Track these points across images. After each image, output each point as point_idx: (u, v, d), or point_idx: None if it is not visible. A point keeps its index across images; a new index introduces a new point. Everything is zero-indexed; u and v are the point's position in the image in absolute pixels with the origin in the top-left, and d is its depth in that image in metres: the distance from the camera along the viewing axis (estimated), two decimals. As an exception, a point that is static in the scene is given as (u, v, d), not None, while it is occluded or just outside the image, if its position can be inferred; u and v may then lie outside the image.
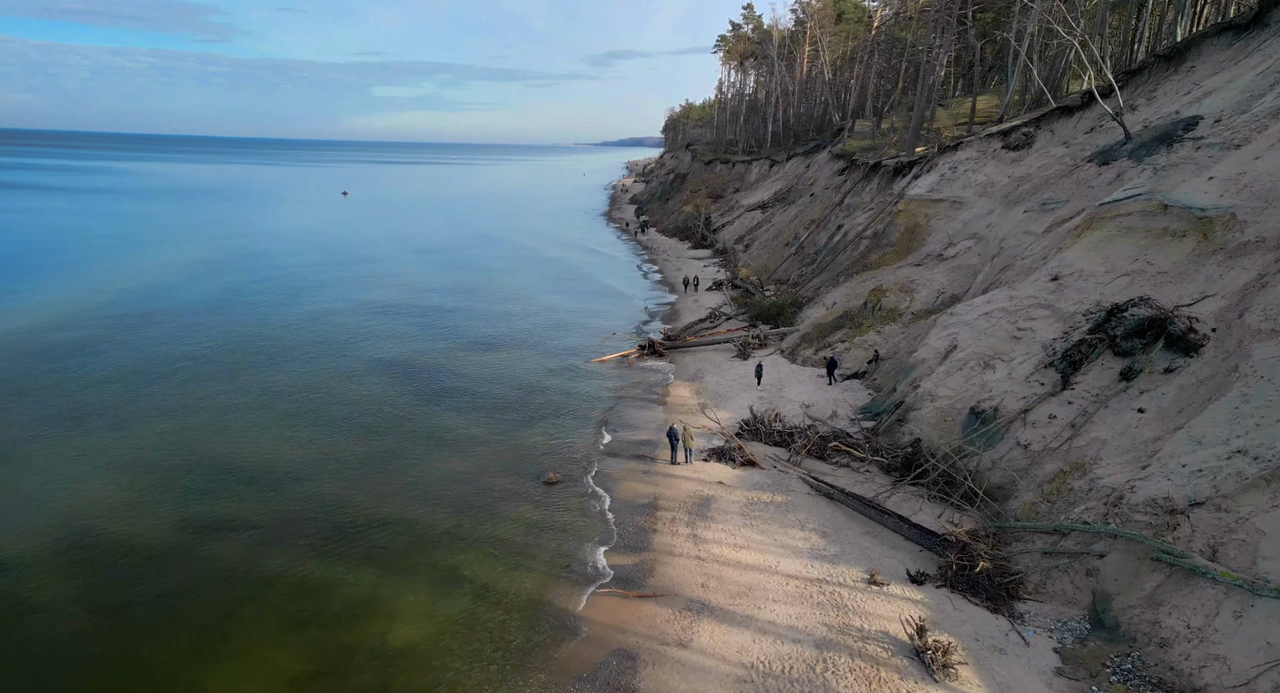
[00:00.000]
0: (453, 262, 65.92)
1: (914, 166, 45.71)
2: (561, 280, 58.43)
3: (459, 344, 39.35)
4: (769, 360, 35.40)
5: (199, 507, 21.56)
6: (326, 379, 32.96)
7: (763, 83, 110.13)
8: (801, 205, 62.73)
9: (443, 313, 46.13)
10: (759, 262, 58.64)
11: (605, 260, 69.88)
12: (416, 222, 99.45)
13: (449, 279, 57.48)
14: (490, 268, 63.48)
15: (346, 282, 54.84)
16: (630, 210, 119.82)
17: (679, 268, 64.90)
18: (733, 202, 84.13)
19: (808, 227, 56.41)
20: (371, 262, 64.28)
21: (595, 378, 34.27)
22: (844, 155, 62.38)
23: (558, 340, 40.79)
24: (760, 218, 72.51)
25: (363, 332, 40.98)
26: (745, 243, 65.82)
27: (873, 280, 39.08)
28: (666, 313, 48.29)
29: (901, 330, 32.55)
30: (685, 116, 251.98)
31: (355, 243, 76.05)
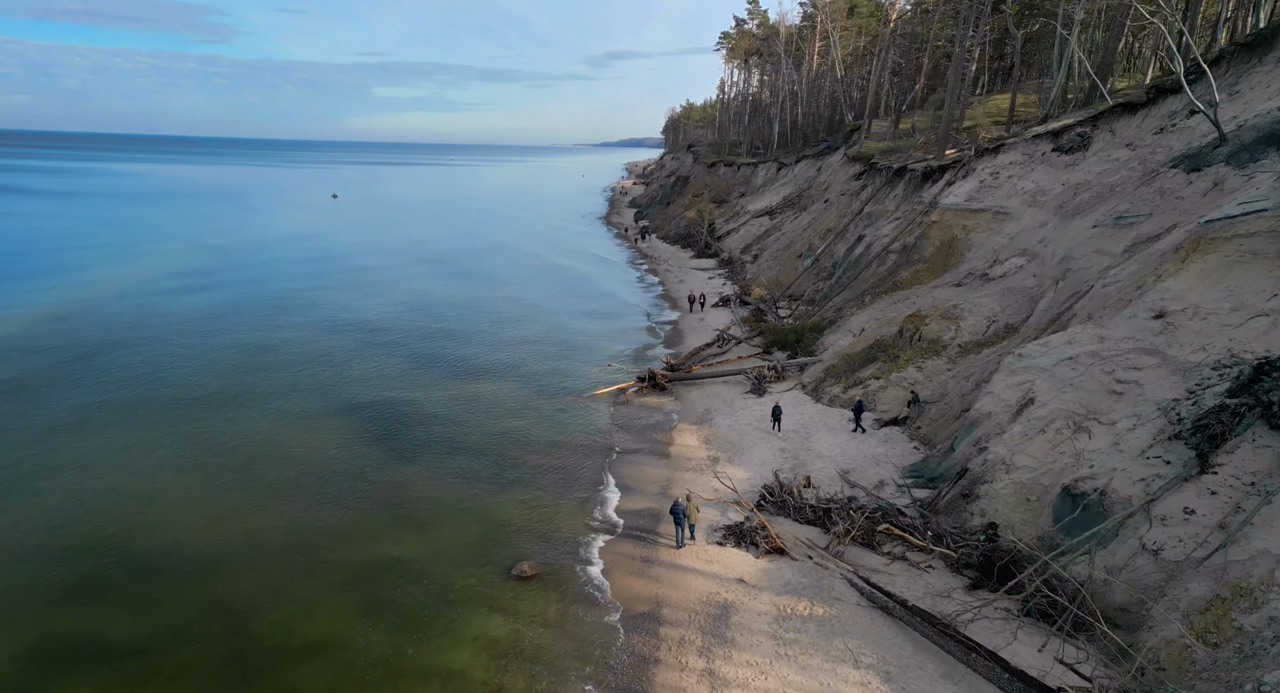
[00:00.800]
0: (436, 272, 60.89)
1: (946, 172, 40.79)
2: (554, 295, 53.46)
3: (437, 376, 34.36)
4: (788, 398, 30.45)
5: (53, 620, 16.58)
6: (279, 426, 27.94)
7: (768, 81, 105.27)
8: (815, 212, 57.80)
9: (421, 337, 41.14)
10: (769, 274, 53.69)
11: (602, 271, 64.93)
12: (404, 226, 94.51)
13: (431, 293, 52.50)
14: (477, 279, 58.50)
15: (316, 299, 49.85)
16: (629, 214, 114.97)
17: (681, 279, 59.98)
18: (738, 207, 79.23)
19: (823, 236, 51.47)
20: (348, 274, 59.32)
21: (587, 419, 29.31)
22: (861, 158, 57.46)
23: (547, 369, 35.84)
24: (769, 225, 67.60)
25: (330, 363, 36.00)
26: (753, 253, 60.87)
27: (905, 302, 34.13)
28: (669, 334, 43.32)
29: (947, 366, 27.58)
30: (686, 117, 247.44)
31: (334, 252, 71.07)
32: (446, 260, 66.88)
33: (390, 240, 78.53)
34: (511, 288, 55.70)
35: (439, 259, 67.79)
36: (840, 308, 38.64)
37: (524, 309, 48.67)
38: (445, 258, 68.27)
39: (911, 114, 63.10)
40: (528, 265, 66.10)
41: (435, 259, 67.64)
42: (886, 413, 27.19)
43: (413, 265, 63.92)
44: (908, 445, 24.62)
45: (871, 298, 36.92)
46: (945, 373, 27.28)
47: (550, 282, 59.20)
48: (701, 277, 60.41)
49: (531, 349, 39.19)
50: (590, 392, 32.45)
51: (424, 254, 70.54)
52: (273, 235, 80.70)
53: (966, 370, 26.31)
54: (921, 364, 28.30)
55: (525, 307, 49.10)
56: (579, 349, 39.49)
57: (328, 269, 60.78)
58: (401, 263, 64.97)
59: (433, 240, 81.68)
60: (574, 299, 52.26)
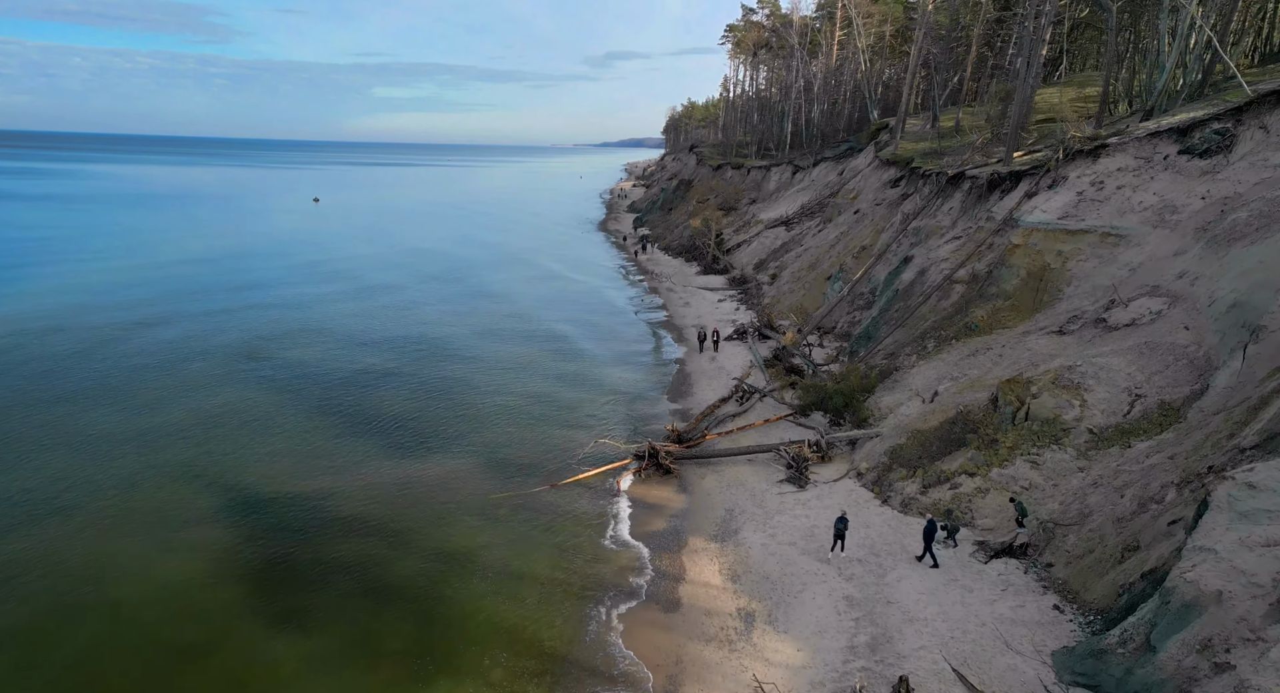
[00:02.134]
0: (393, 302, 50.72)
1: (1023, 180, 32.47)
2: (533, 328, 44.98)
3: (364, 453, 26.00)
4: (842, 492, 22.17)
5: None
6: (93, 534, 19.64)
7: (779, 76, 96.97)
8: (843, 225, 49.47)
9: (352, 390, 32.67)
10: (792, 299, 45.38)
11: (595, 292, 56.55)
12: (376, 235, 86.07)
13: (378, 329, 43.73)
14: (439, 306, 49.72)
15: (232, 340, 41.47)
16: (628, 220, 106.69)
17: (687, 302, 51.70)
18: (748, 215, 70.90)
19: (856, 255, 43.14)
20: (283, 307, 50.58)
21: (557, 532, 21.00)
22: (896, 161, 49.18)
23: (513, 438, 27.50)
24: (785, 237, 59.29)
25: (211, 444, 27.59)
26: (770, 271, 52.51)
27: (988, 354, 25.79)
28: (674, 381, 34.95)
29: (1077, 464, 19.25)
30: (688, 117, 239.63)
31: (285, 269, 62.62)
32: (407, 286, 55.94)
33: (350, 259, 69.27)
34: (476, 321, 47.24)
35: (398, 286, 56.15)
36: (894, 354, 30.27)
37: (492, 347, 40.31)
38: (406, 283, 57.36)
39: (955, 111, 54.84)
40: (503, 291, 57.30)
41: (394, 286, 55.59)
42: (992, 531, 18.87)
43: (365, 292, 54.37)
44: (1041, 600, 16.27)
45: (936, 344, 28.55)
46: (1077, 474, 18.94)
47: (530, 307, 50.83)
48: (710, 299, 52.09)
49: (494, 405, 30.86)
50: (567, 478, 24.14)
51: (382, 279, 60.81)
52: (230, 250, 72.20)
53: (1116, 476, 17.96)
54: (1036, 456, 19.94)
55: (490, 349, 40.60)
56: (556, 406, 31.14)
57: (256, 302, 52.18)
58: (352, 291, 54.96)
59: (403, 255, 73.19)
60: (558, 332, 43.85)
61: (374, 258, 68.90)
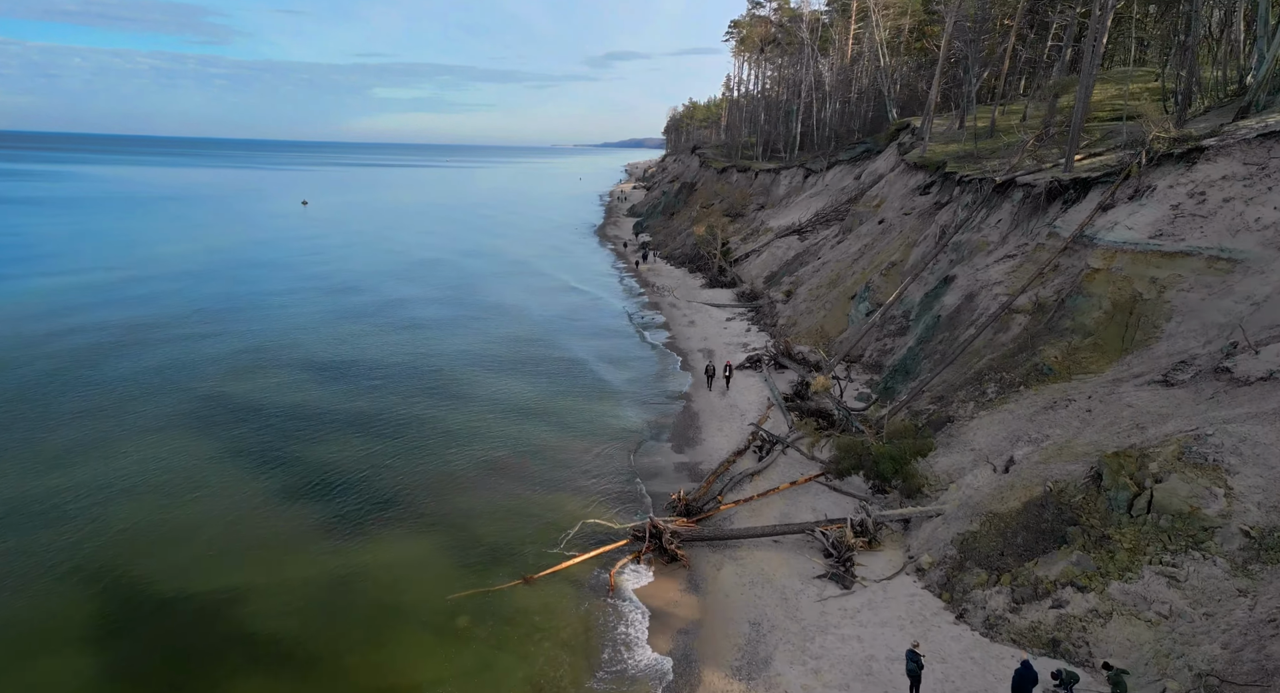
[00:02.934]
0: (364, 323, 44.42)
1: (1093, 188, 27.40)
2: (515, 357, 39.64)
3: (292, 538, 20.91)
4: (898, 591, 17.14)
5: None
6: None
7: (787, 74, 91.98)
8: (866, 237, 44.40)
9: (300, 440, 27.62)
10: (811, 321, 40.33)
11: (591, 308, 51.47)
12: (358, 242, 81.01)
13: (342, 358, 38.53)
14: (415, 328, 44.15)
15: (165, 376, 36.47)
16: (628, 225, 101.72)
17: (692, 320, 46.66)
18: (757, 223, 65.86)
19: (885, 273, 38.07)
20: (233, 330, 45.31)
21: (525, 668, 15.96)
22: (926, 165, 44.15)
23: (483, 510, 22.47)
24: (798, 247, 54.28)
25: (102, 523, 22.57)
26: (784, 287, 47.41)
27: (1072, 407, 20.72)
28: (678, 423, 29.85)
29: (1233, 580, 14.19)
30: (689, 117, 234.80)
31: (248, 283, 57.66)
32: (382, 303, 50.22)
33: (322, 274, 64.00)
34: (453, 343, 42.13)
35: (373, 303, 50.65)
36: (943, 397, 25.20)
37: (469, 378, 35.27)
38: (381, 299, 51.16)
39: (989, 109, 49.80)
40: (489, 306, 52.06)
41: (367, 303, 50.30)
42: (1115, 662, 13.78)
43: (333, 312, 48.69)
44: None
45: (999, 389, 23.47)
46: (1238, 599, 13.86)
47: (519, 327, 45.78)
48: (717, 317, 47.02)
49: (467, 459, 25.81)
50: (548, 568, 19.09)
51: (355, 295, 56.10)
52: (197, 261, 67.17)
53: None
54: (1172, 566, 14.86)
55: (465, 384, 35.46)
56: (545, 458, 26.11)
57: (204, 324, 47.18)
58: (318, 311, 49.35)
59: (385, 264, 68.15)
60: (541, 364, 38.65)
61: (352, 268, 63.85)
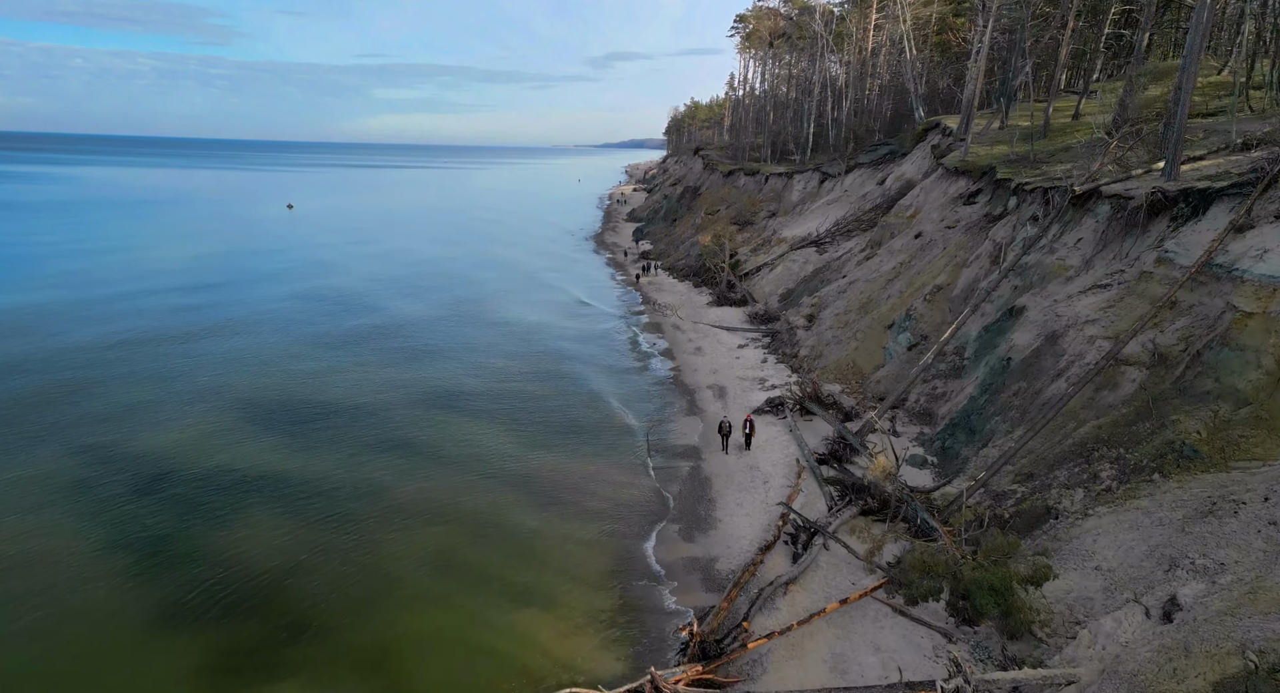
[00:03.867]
0: (310, 365, 37.97)
1: (1215, 203, 21.51)
2: (489, 396, 33.78)
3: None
4: None
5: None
6: None
7: (798, 71, 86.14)
8: (901, 253, 38.48)
9: (192, 532, 21.82)
10: (839, 352, 34.42)
11: (583, 334, 45.46)
12: (333, 253, 75.14)
13: (271, 404, 32.98)
14: (372, 365, 37.64)
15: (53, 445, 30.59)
16: (627, 231, 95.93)
17: (698, 346, 40.79)
18: (768, 232, 59.98)
19: (928, 297, 32.15)
20: (158, 382, 39.76)
21: None
22: (969, 170, 38.30)
23: (425, 655, 16.56)
24: (817, 261, 48.41)
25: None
26: (804, 310, 41.46)
27: (1245, 514, 14.73)
28: (686, 494, 23.87)
29: None
30: (691, 117, 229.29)
31: (198, 308, 51.92)
32: (333, 345, 42.20)
33: (286, 295, 57.94)
34: (421, 378, 36.34)
35: (332, 341, 43.06)
36: (1031, 475, 19.26)
37: (429, 439, 29.36)
38: (344, 338, 43.50)
39: (1043, 104, 43.85)
40: (467, 341, 46.09)
41: (328, 342, 42.18)
42: None
43: (272, 359, 43.69)
44: None
45: (1120, 473, 17.53)
46: None
47: (494, 358, 39.88)
48: (728, 343, 41.11)
49: (410, 560, 19.89)
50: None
51: (315, 331, 50.04)
52: (149, 281, 61.31)
53: None
54: None
55: (434, 432, 29.64)
56: (508, 554, 20.17)
57: (110, 368, 41.35)
58: (266, 348, 44.66)
59: (349, 277, 62.33)
60: (524, 406, 32.78)
61: (318, 283, 58.00)
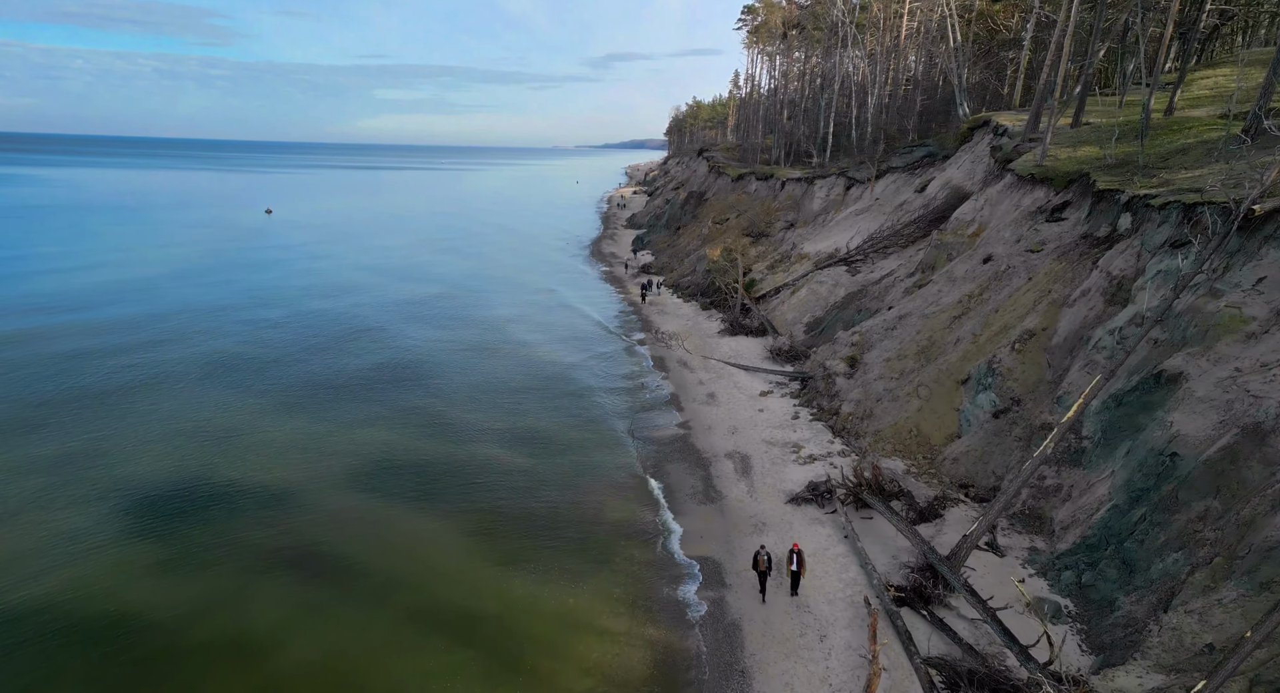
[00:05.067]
0: (237, 423, 32.16)
1: None
2: (448, 474, 26.49)
3: None
4: None
5: None
6: None
7: (814, 65, 78.73)
8: (967, 281, 31.01)
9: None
10: (897, 412, 26.95)
11: (569, 374, 38.02)
12: (296, 270, 67.80)
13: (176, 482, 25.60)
14: (300, 438, 30.79)
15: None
16: (626, 239, 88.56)
17: (711, 392, 33.43)
18: (786, 246, 52.56)
19: (1017, 345, 24.70)
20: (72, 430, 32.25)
21: None
22: (1049, 178, 30.89)
23: None
24: (849, 284, 41.04)
25: None
26: (844, 349, 33.92)
27: None
28: (708, 661, 16.54)
29: None
30: (693, 117, 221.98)
31: (112, 342, 44.51)
32: (275, 391, 35.22)
33: (230, 324, 50.85)
34: (355, 459, 28.95)
35: (272, 389, 36.06)
36: (1271, 682, 11.92)
37: (346, 555, 21.99)
38: (288, 386, 36.31)
39: (1141, 94, 36.41)
40: (431, 370, 39.06)
41: (269, 391, 35.93)
42: None
43: (200, 403, 36.52)
44: None
45: None
46: None
47: (452, 413, 32.53)
48: (748, 388, 33.68)
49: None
50: None
51: (246, 375, 43.14)
52: (73, 301, 53.90)
53: None
54: None
55: (358, 541, 22.31)
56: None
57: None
58: (183, 401, 37.74)
59: (304, 299, 54.98)
60: (491, 495, 25.38)
61: (267, 308, 50.64)
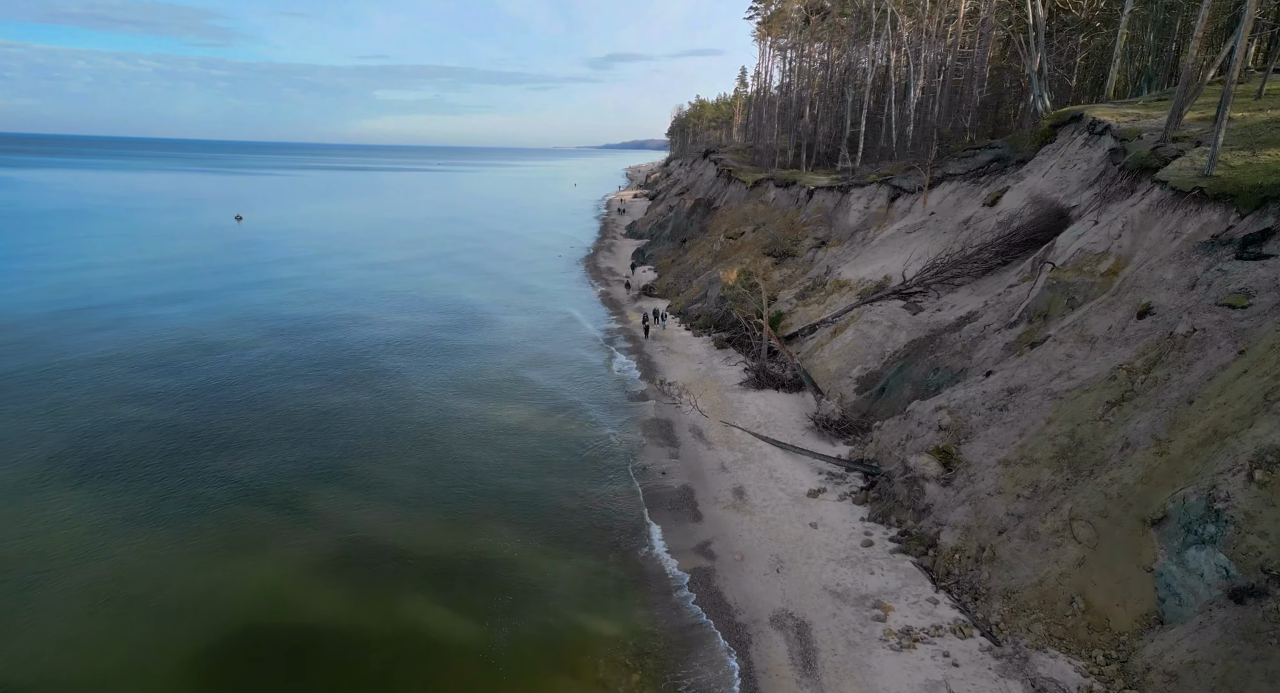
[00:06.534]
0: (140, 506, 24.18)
1: None
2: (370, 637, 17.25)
3: None
4: None
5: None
6: None
7: (837, 57, 69.42)
8: (1118, 342, 21.49)
9: None
10: (1041, 569, 17.49)
11: (549, 453, 28.64)
12: (261, 283, 58.56)
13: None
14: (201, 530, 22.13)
15: None
16: (626, 250, 79.37)
17: (739, 485, 24.03)
18: (819, 270, 43.18)
19: (1251, 470, 15.30)
20: None
21: None
22: (1230, 194, 21.55)
23: None
24: (910, 326, 31.74)
25: None
26: (924, 434, 24.39)
27: None
28: None
29: None
30: (696, 117, 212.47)
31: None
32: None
33: (150, 370, 42.10)
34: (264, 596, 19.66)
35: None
36: None
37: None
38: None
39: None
40: (385, 456, 29.75)
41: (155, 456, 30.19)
42: None
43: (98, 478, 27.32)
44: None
45: None
46: None
47: (440, 518, 23.21)
48: (789, 479, 24.30)
49: None
50: None
51: (121, 439, 34.01)
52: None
53: None
54: None
55: None
56: None
57: None
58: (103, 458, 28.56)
59: (234, 332, 45.69)
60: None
61: (225, 336, 41.31)
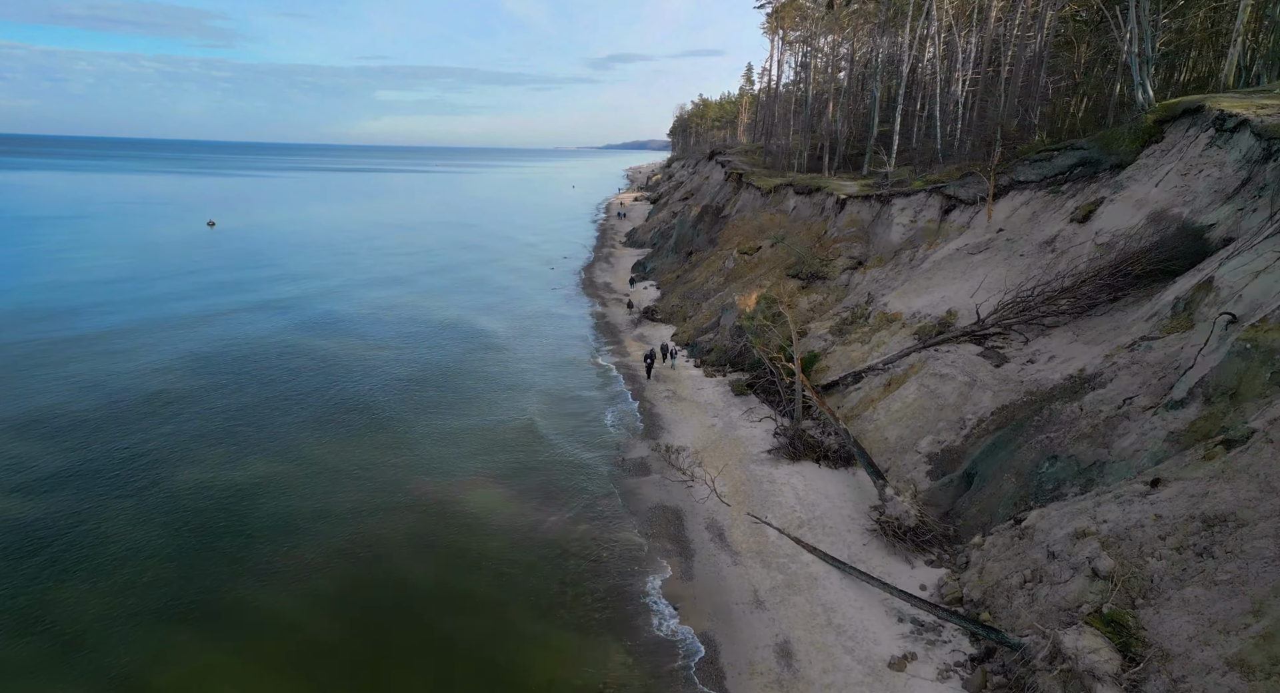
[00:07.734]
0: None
1: None
2: None
3: None
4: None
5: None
6: None
7: (860, 50, 61.93)
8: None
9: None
10: None
11: (521, 590, 21.22)
12: (214, 304, 51.15)
13: None
14: None
15: None
16: (626, 261, 72.02)
17: (781, 635, 16.67)
18: (858, 297, 35.69)
19: None
20: None
21: None
22: None
23: None
24: (992, 380, 24.26)
25: None
26: (1069, 586, 16.85)
27: None
28: None
29: None
30: (700, 117, 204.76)
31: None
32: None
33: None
34: None
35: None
36: None
37: None
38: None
39: None
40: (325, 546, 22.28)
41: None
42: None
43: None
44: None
45: None
46: None
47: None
48: (856, 624, 16.84)
49: None
50: None
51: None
52: None
53: None
54: None
55: None
56: None
57: None
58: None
59: (190, 388, 38.27)
60: None
61: (175, 376, 33.82)
